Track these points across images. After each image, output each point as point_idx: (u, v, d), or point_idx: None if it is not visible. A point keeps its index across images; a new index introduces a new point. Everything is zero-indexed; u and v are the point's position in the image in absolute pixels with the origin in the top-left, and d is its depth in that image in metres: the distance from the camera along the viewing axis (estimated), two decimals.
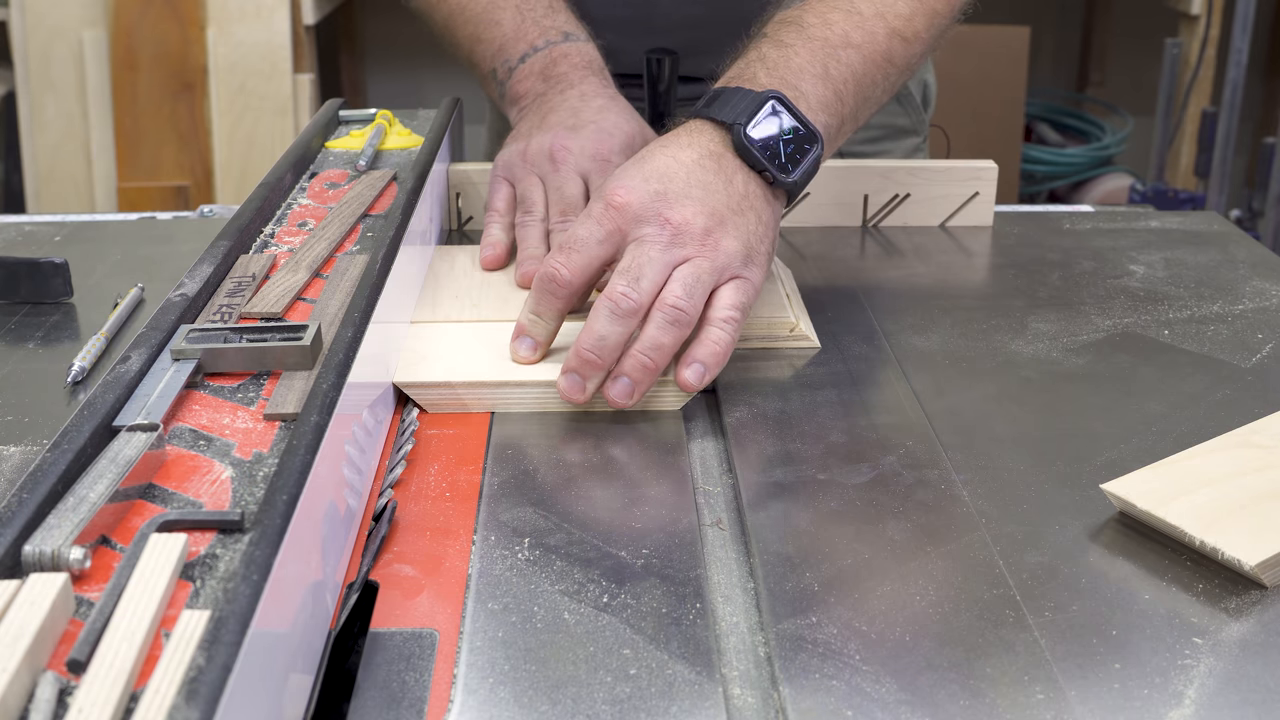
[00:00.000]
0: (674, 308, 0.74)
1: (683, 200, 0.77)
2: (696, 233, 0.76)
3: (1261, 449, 0.69)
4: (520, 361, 0.78)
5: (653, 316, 0.75)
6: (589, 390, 0.75)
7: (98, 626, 0.46)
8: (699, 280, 0.76)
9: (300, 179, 0.98)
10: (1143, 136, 3.17)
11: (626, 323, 0.74)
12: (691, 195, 0.78)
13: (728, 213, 0.78)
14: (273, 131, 2.57)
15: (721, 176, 0.79)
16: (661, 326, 0.75)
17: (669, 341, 0.75)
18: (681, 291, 0.75)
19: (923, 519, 0.66)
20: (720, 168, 0.80)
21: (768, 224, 0.81)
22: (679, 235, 0.76)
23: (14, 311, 0.92)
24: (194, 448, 0.60)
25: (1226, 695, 0.54)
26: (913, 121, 1.29)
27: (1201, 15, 2.76)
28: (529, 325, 0.79)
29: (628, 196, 0.77)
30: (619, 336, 0.74)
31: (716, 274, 0.77)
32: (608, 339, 0.74)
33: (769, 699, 0.54)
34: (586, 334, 0.74)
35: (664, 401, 0.78)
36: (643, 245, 0.76)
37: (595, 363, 0.74)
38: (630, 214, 0.77)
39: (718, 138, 0.81)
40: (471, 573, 0.62)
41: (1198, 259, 1.03)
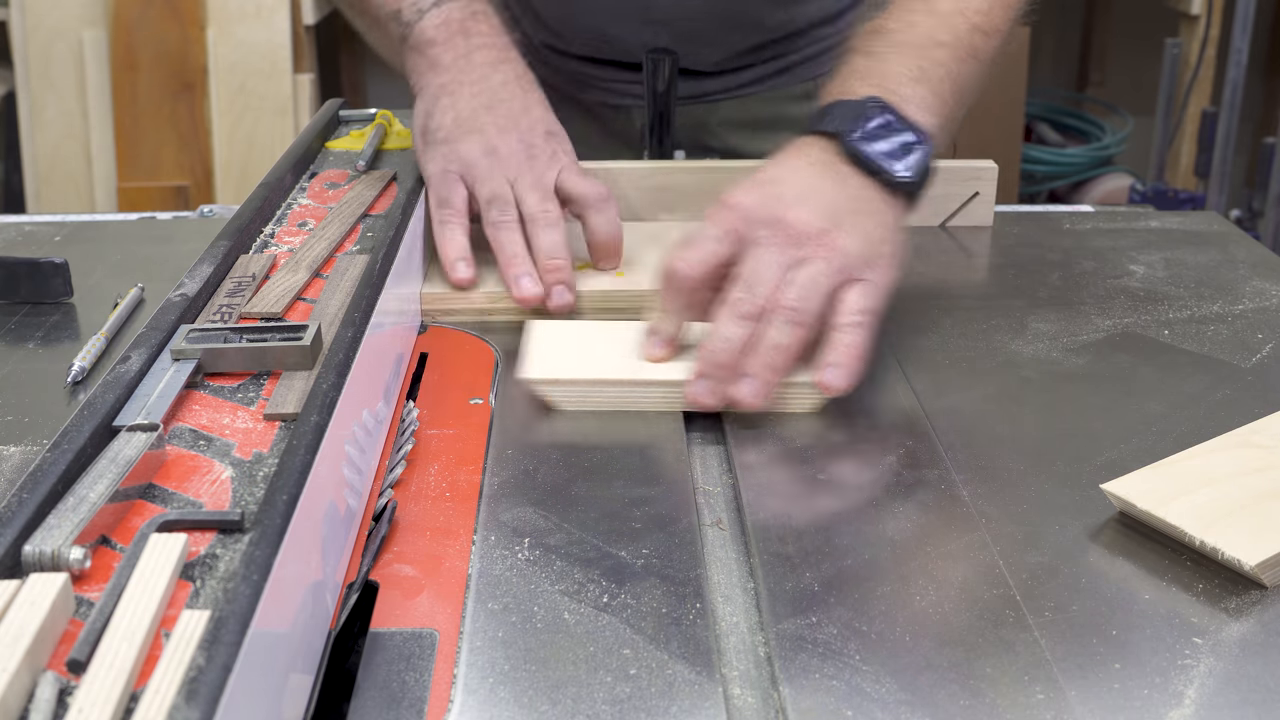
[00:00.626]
0: (791, 309, 0.74)
1: (797, 203, 0.78)
2: (812, 234, 0.76)
3: (1261, 449, 0.69)
4: (651, 359, 0.79)
5: (771, 318, 0.75)
6: (718, 394, 0.75)
7: (98, 626, 0.46)
8: (815, 281, 0.75)
9: (300, 179, 0.98)
10: (1143, 136, 3.17)
11: (749, 325, 0.75)
12: (806, 198, 0.78)
13: (844, 214, 0.78)
14: (273, 131, 2.57)
15: (835, 181, 0.80)
16: (780, 327, 0.75)
17: (789, 341, 0.75)
18: (798, 293, 0.75)
19: (923, 519, 0.66)
20: (834, 173, 0.80)
21: (888, 226, 0.80)
22: (795, 237, 0.76)
23: (14, 311, 0.92)
24: (194, 448, 0.60)
25: (1226, 695, 0.54)
26: None
27: (1201, 15, 2.76)
28: (657, 323, 0.79)
29: (743, 198, 0.78)
30: (743, 338, 0.75)
31: (835, 275, 0.76)
32: (733, 341, 0.74)
33: (769, 699, 0.54)
34: (711, 338, 0.75)
35: (800, 404, 0.77)
36: (759, 247, 0.77)
37: (722, 365, 0.75)
38: (747, 215, 0.77)
39: (828, 148, 0.82)
40: (471, 573, 0.62)
41: (1198, 259, 1.03)
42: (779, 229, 0.76)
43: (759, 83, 1.23)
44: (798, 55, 1.21)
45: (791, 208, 0.77)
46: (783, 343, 0.74)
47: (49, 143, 2.59)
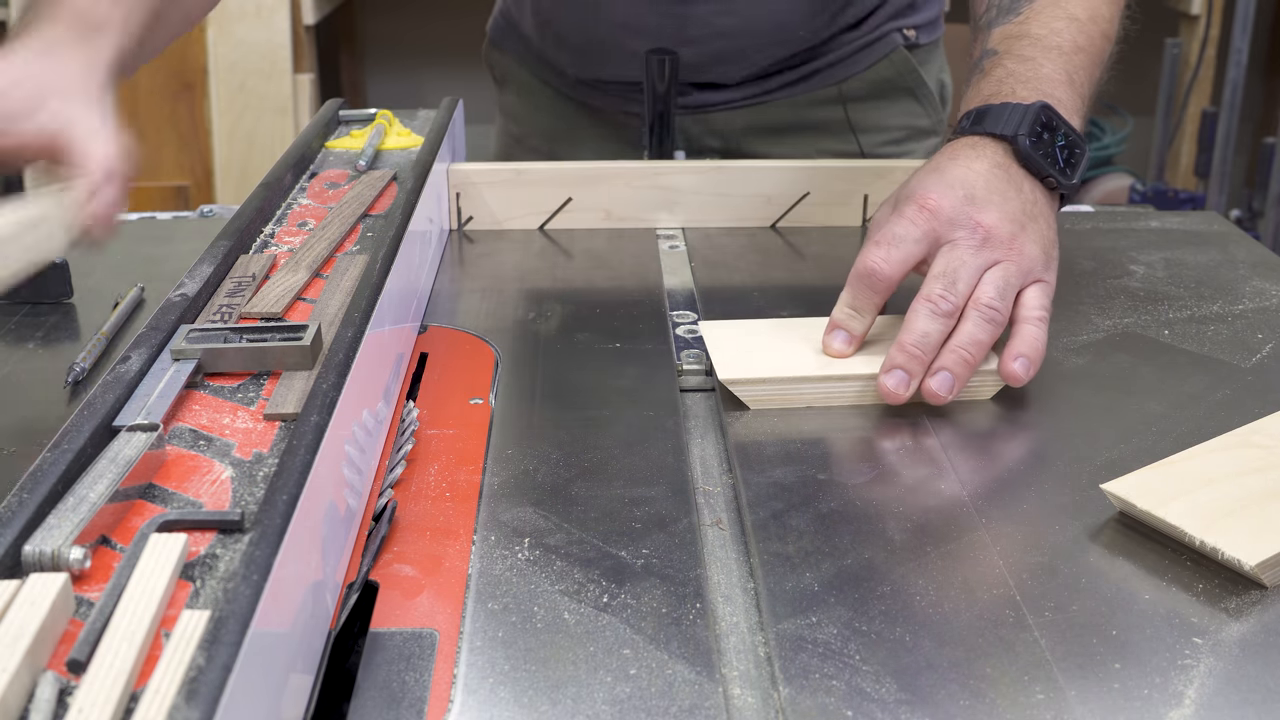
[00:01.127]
0: (990, 308, 0.78)
1: (988, 206, 0.81)
2: (1004, 237, 0.80)
3: (1261, 449, 0.69)
4: (834, 355, 0.81)
5: (969, 315, 0.78)
6: (912, 387, 0.77)
7: (98, 626, 0.46)
8: (1008, 283, 0.79)
9: (300, 179, 0.98)
10: (1143, 136, 3.17)
11: (946, 322, 0.78)
12: (993, 201, 0.81)
13: (1025, 219, 0.82)
14: (273, 131, 2.57)
15: (1013, 185, 0.83)
16: (978, 324, 0.78)
17: (985, 338, 0.78)
18: (995, 293, 0.78)
19: (923, 519, 0.66)
20: (1010, 177, 0.83)
21: (1053, 227, 0.85)
22: (989, 239, 0.80)
23: (14, 311, 0.92)
24: (194, 448, 0.60)
25: (1226, 695, 0.54)
26: (933, 122, 1.29)
27: (1201, 15, 2.77)
28: (845, 320, 0.81)
29: (940, 201, 0.80)
30: (940, 334, 0.77)
31: (1023, 276, 0.80)
32: (930, 336, 0.77)
33: (769, 699, 0.54)
34: (908, 333, 0.77)
35: (980, 393, 0.80)
36: (956, 248, 0.79)
37: (919, 358, 0.77)
38: (943, 217, 0.80)
39: (1000, 150, 0.84)
40: (471, 573, 0.62)
41: (1198, 259, 1.03)
42: (975, 232, 0.80)
43: (783, 89, 1.23)
44: (822, 62, 1.22)
45: (983, 211, 0.80)
46: (980, 339, 0.78)
47: None
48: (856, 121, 1.24)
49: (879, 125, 1.25)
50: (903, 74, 1.24)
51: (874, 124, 1.24)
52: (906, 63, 1.23)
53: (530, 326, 0.91)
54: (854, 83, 1.23)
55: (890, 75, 1.23)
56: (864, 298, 0.80)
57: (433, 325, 0.91)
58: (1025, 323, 0.80)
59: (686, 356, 0.85)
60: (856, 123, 1.24)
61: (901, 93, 1.25)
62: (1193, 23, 2.79)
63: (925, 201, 0.81)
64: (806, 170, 1.11)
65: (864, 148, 1.25)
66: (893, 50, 1.22)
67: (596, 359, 0.86)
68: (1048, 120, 0.85)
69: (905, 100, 1.26)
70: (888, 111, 1.25)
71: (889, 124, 1.26)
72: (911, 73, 1.24)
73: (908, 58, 1.23)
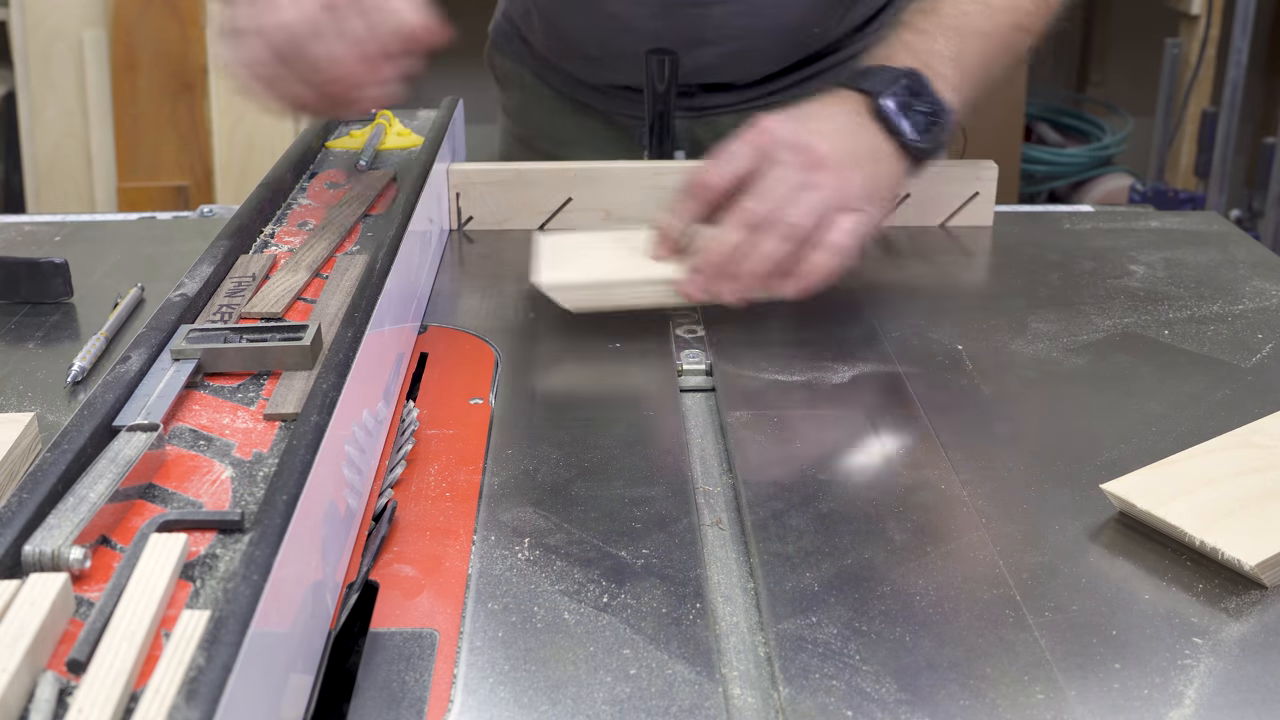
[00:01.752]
0: (794, 225, 0.82)
1: (824, 138, 0.86)
2: (830, 165, 0.84)
3: (1261, 449, 0.69)
4: (656, 258, 0.87)
5: (773, 230, 0.82)
6: (709, 291, 0.83)
7: (98, 626, 0.46)
8: (823, 206, 0.83)
9: (300, 179, 0.98)
10: (1143, 136, 3.17)
11: (752, 234, 0.82)
12: (831, 137, 0.86)
13: (862, 159, 0.87)
14: (273, 131, 2.57)
15: (863, 132, 0.89)
16: (779, 241, 0.82)
17: (780, 256, 0.82)
18: (804, 213, 0.83)
19: (923, 519, 0.66)
20: (862, 125, 0.89)
21: (895, 178, 0.90)
22: (813, 164, 0.84)
23: (14, 311, 0.92)
24: (194, 448, 0.60)
25: (1226, 695, 0.54)
26: None
27: (1201, 15, 2.76)
28: (666, 224, 0.87)
29: (778, 126, 0.86)
30: (745, 245, 0.82)
31: (839, 201, 0.84)
32: (729, 245, 0.82)
33: (769, 699, 0.54)
34: (715, 240, 0.83)
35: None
36: (779, 166, 0.84)
37: (719, 265, 0.82)
38: (777, 138, 0.85)
39: (862, 103, 0.90)
40: (471, 573, 0.62)
41: (1198, 259, 1.03)
42: (801, 154, 0.84)
43: (790, 89, 1.23)
44: (830, 61, 1.22)
45: (817, 140, 0.85)
46: (774, 256, 0.82)
47: (49, 143, 2.59)
48: None
49: None
50: None
51: None
52: None
53: (530, 326, 0.91)
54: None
55: None
56: (686, 204, 0.86)
57: (433, 325, 0.91)
58: (821, 246, 0.84)
59: (686, 356, 0.85)
60: None
61: None
62: (1193, 23, 2.79)
63: (765, 125, 0.86)
64: None
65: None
66: None
67: (596, 359, 0.86)
68: (915, 87, 0.89)
69: None
70: None
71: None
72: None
73: None
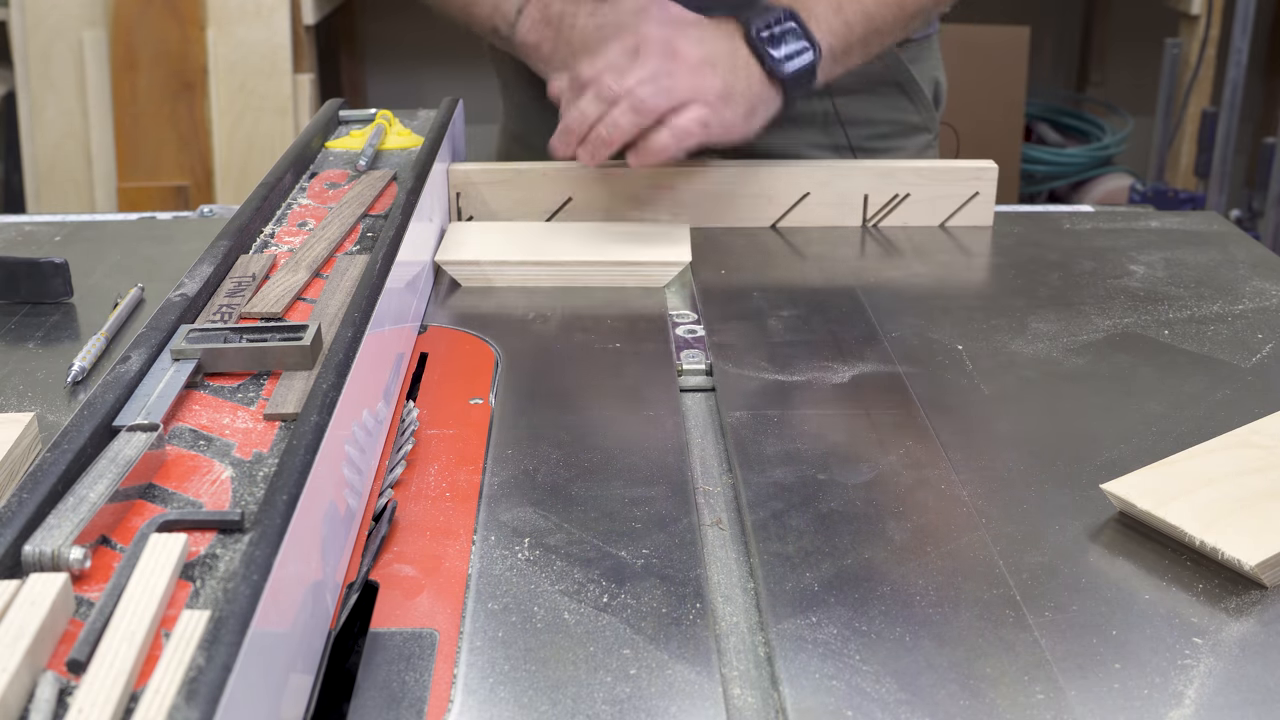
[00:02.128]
0: (640, 99, 0.93)
1: (690, 44, 0.97)
2: (690, 62, 0.96)
3: (1261, 449, 0.69)
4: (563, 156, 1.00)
5: (621, 101, 0.94)
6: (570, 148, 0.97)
7: (98, 626, 0.46)
8: (671, 90, 0.94)
9: (300, 179, 0.98)
10: (1143, 136, 3.17)
11: (604, 108, 0.94)
12: (697, 44, 0.97)
13: (724, 68, 0.97)
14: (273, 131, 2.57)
15: (730, 49, 0.99)
16: (625, 111, 0.94)
17: (627, 125, 0.94)
18: (649, 90, 0.94)
19: (923, 519, 0.66)
20: (732, 47, 0.99)
21: (757, 94, 0.99)
22: (674, 58, 0.95)
23: (14, 311, 0.92)
24: (194, 448, 0.60)
25: (1226, 695, 0.54)
26: (924, 119, 1.29)
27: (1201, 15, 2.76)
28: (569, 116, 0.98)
29: (650, 28, 0.97)
30: (596, 115, 0.94)
31: (690, 92, 0.95)
32: (587, 115, 0.95)
33: (769, 699, 0.54)
34: (573, 110, 0.96)
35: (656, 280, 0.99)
36: (643, 54, 0.95)
37: (574, 132, 0.95)
38: (646, 36, 0.96)
39: (734, 30, 1.00)
40: (471, 573, 0.62)
41: (1198, 259, 1.03)
42: (666, 51, 0.95)
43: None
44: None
45: (683, 45, 0.96)
46: (622, 124, 0.94)
47: (49, 143, 2.59)
48: (844, 114, 1.24)
49: (867, 119, 1.25)
50: (891, 69, 1.23)
51: (862, 118, 1.24)
52: (895, 58, 1.23)
53: (530, 326, 0.91)
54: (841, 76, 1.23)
55: (878, 70, 1.23)
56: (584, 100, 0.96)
57: (433, 325, 0.91)
58: (664, 125, 0.95)
59: (686, 356, 0.85)
60: (844, 116, 1.24)
61: (890, 87, 1.25)
62: (1193, 23, 2.79)
63: (639, 29, 0.97)
64: (806, 170, 1.11)
65: (851, 141, 1.25)
66: None
67: (596, 359, 0.86)
68: (788, 23, 1.00)
69: (894, 95, 1.26)
70: (876, 106, 1.25)
71: (877, 118, 1.26)
72: (900, 68, 1.23)
73: (896, 53, 1.23)
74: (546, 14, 1.14)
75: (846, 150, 1.25)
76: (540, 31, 1.14)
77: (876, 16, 1.05)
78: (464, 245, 1.01)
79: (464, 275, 0.99)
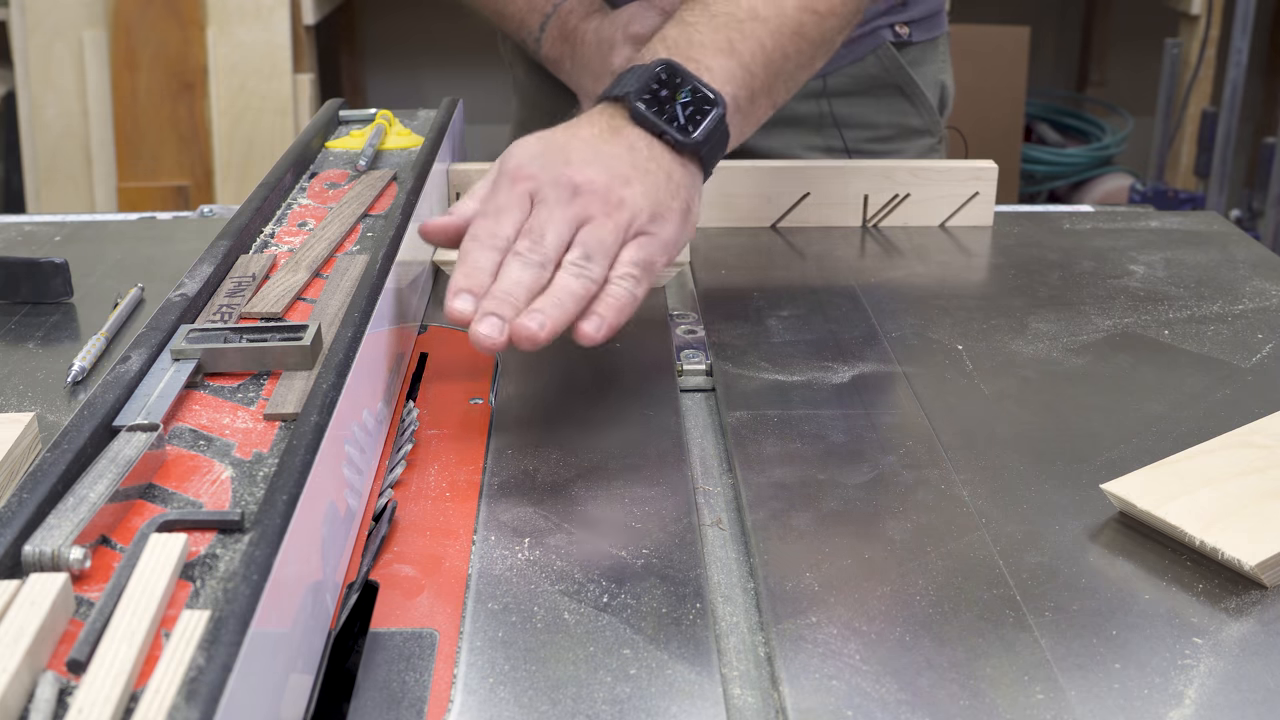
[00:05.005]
0: (578, 265, 0.75)
1: (584, 164, 0.78)
2: (599, 191, 0.77)
3: (1261, 449, 0.69)
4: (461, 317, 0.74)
5: (562, 271, 0.75)
6: (505, 331, 0.72)
7: (98, 626, 0.46)
8: (601, 241, 0.76)
9: (300, 179, 0.98)
10: (1143, 136, 3.17)
11: (538, 271, 0.75)
12: (591, 160, 0.79)
13: (632, 173, 0.79)
14: (273, 131, 2.57)
15: (623, 144, 0.80)
16: (571, 278, 0.75)
17: (580, 290, 0.74)
18: (582, 253, 0.75)
19: (923, 519, 0.66)
20: (622, 137, 0.81)
21: (679, 183, 0.81)
22: (579, 193, 0.77)
23: (14, 311, 0.92)
24: (194, 448, 0.60)
25: (1226, 695, 0.54)
26: (926, 122, 1.29)
27: (1201, 15, 2.76)
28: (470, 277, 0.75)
29: (531, 168, 0.79)
30: (532, 281, 0.74)
31: (620, 231, 0.77)
32: (522, 282, 0.74)
33: (769, 699, 0.54)
34: (499, 280, 0.74)
35: None
36: (545, 205, 0.77)
37: (510, 302, 0.73)
38: (536, 181, 0.78)
39: (617, 113, 0.82)
40: (471, 573, 0.62)
41: (1198, 259, 1.03)
42: (565, 188, 0.77)
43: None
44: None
45: (578, 169, 0.78)
46: (574, 290, 0.74)
47: (49, 143, 2.59)
48: (840, 117, 1.23)
49: (865, 122, 1.25)
50: (890, 71, 1.23)
51: (859, 120, 1.24)
52: (894, 60, 1.23)
53: None
54: (837, 78, 1.22)
55: (876, 72, 1.23)
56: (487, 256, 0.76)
57: (433, 325, 0.91)
58: (611, 282, 0.76)
59: (686, 356, 0.85)
60: (840, 118, 1.23)
61: (889, 90, 1.25)
62: (1193, 23, 2.79)
63: (518, 173, 0.79)
64: (806, 170, 1.11)
65: (848, 143, 1.25)
66: (878, 46, 1.22)
67: (596, 359, 0.86)
68: (668, 79, 0.82)
69: (894, 98, 1.26)
70: (874, 108, 1.24)
71: (876, 121, 1.26)
72: (899, 70, 1.23)
73: (895, 55, 1.23)
74: (564, 30, 1.15)
75: (842, 153, 1.25)
76: (560, 48, 1.16)
77: (776, 53, 0.88)
78: None
79: None
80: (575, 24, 1.16)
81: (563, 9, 1.16)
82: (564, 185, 0.77)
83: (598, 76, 1.12)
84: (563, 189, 0.77)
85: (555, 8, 1.17)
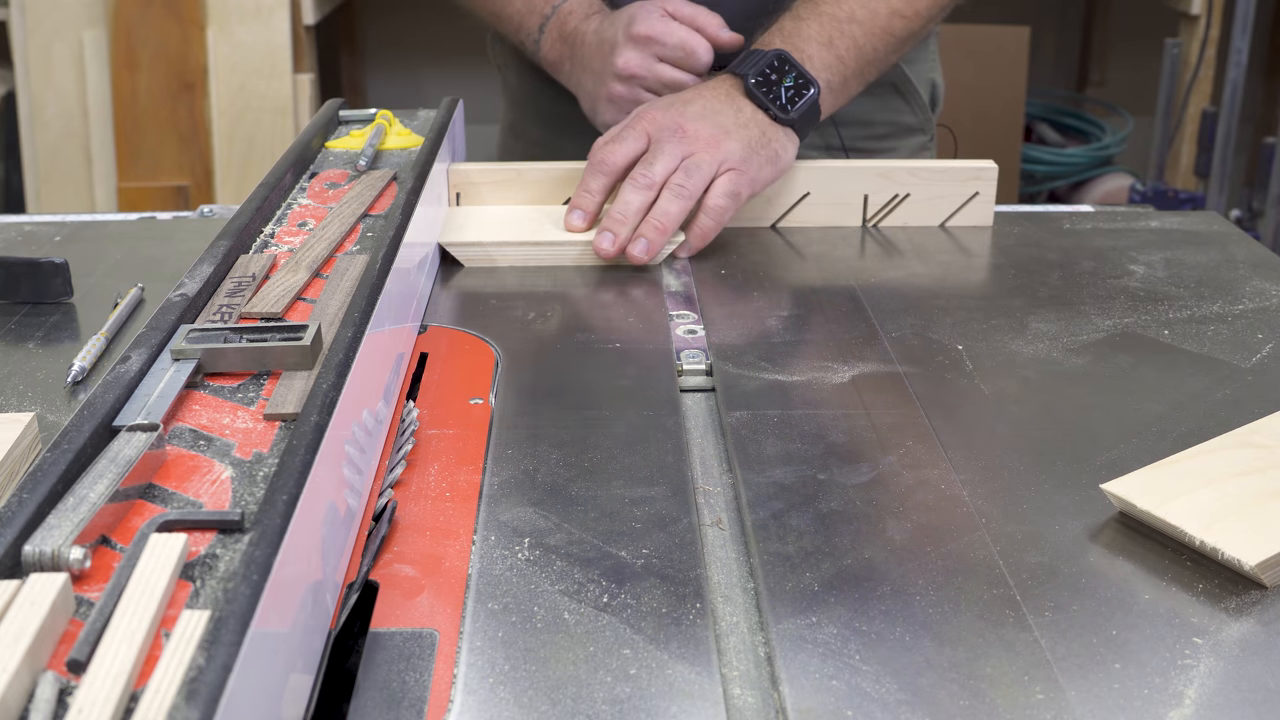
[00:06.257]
0: (678, 185, 1.00)
1: (696, 118, 1.02)
2: (705, 137, 1.01)
3: (1261, 449, 0.69)
4: (573, 229, 1.03)
5: (664, 191, 1.00)
6: (618, 244, 0.99)
7: (98, 626, 0.46)
8: (699, 167, 1.00)
9: (300, 179, 0.98)
10: (1143, 136, 3.17)
11: (646, 194, 0.99)
12: (703, 115, 1.02)
13: (734, 128, 1.02)
14: (273, 131, 2.57)
15: (732, 108, 1.04)
16: (669, 198, 0.99)
17: (675, 210, 0.99)
18: (683, 173, 1.00)
19: (923, 519, 0.66)
20: (732, 103, 1.04)
21: (770, 140, 1.04)
22: (688, 137, 1.01)
23: (14, 311, 0.92)
24: (194, 448, 0.60)
25: (1226, 695, 0.54)
26: (919, 120, 1.29)
27: (1201, 15, 2.76)
28: (581, 199, 1.03)
29: (655, 113, 1.03)
30: (640, 204, 0.99)
31: (715, 165, 1.01)
32: (632, 204, 0.99)
33: (769, 699, 0.54)
34: (617, 203, 1.00)
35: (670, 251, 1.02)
36: (661, 144, 1.01)
37: (622, 222, 0.99)
38: (656, 124, 1.02)
39: (735, 86, 1.05)
40: (471, 573, 0.62)
41: (1198, 259, 1.03)
42: (679, 133, 1.01)
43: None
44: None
45: (690, 120, 1.02)
46: (670, 210, 0.99)
47: (49, 143, 2.59)
48: (837, 114, 1.24)
49: (861, 120, 1.25)
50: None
51: (855, 118, 1.24)
52: None
53: (530, 326, 0.91)
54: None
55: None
56: (596, 181, 1.02)
57: (433, 325, 0.91)
58: (703, 209, 1.01)
59: (686, 356, 0.85)
60: (837, 115, 1.24)
61: (884, 88, 1.25)
62: (1193, 23, 2.79)
63: (645, 113, 1.03)
64: (806, 170, 1.11)
65: (845, 141, 1.25)
66: None
67: (596, 359, 0.86)
68: (781, 65, 1.05)
69: (889, 96, 1.26)
70: (870, 106, 1.25)
71: (872, 119, 1.26)
72: (894, 68, 1.23)
73: None
74: (563, 32, 1.19)
75: (839, 150, 1.25)
76: (559, 50, 1.19)
77: (867, 47, 1.09)
78: (466, 227, 1.05)
79: (467, 256, 1.02)
80: (575, 25, 1.16)
81: (562, 10, 1.17)
82: (675, 129, 1.01)
83: (599, 77, 1.12)
84: (674, 131, 1.01)
85: (554, 9, 1.17)
